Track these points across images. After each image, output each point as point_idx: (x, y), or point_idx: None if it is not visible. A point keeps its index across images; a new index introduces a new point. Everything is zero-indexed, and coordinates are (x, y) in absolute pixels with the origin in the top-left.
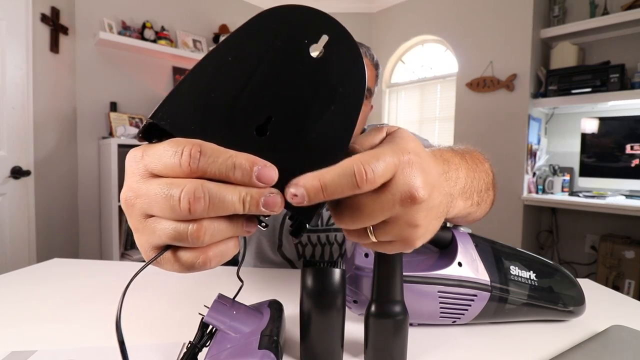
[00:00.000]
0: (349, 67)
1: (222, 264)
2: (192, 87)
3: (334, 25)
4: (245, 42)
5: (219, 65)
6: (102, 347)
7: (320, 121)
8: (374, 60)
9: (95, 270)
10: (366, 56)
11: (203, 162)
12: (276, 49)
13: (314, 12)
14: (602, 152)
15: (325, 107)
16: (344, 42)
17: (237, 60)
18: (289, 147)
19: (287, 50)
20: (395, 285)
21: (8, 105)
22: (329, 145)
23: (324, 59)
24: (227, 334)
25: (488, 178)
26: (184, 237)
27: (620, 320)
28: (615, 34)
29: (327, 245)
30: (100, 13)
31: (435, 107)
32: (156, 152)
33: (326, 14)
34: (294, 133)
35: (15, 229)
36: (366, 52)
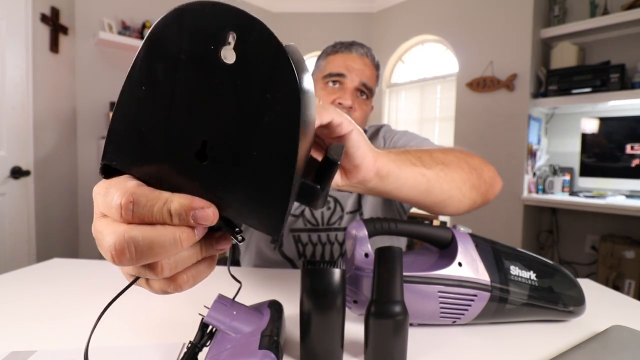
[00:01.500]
0: (271, 67)
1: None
2: (122, 123)
3: (238, 17)
4: (150, 65)
5: (137, 97)
6: (102, 347)
7: (255, 137)
8: (375, 61)
9: (95, 270)
10: (367, 56)
11: (137, 211)
12: (185, 65)
13: (212, 8)
14: (602, 152)
15: (256, 120)
16: (257, 36)
17: (150, 88)
18: (232, 171)
19: (196, 63)
20: (395, 285)
21: (8, 105)
22: (273, 163)
23: (238, 64)
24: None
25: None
26: (142, 274)
27: (620, 320)
28: (616, 34)
29: (327, 244)
30: (100, 13)
31: (435, 107)
32: (104, 194)
33: (227, 5)
34: (233, 155)
35: (15, 229)
36: (367, 53)
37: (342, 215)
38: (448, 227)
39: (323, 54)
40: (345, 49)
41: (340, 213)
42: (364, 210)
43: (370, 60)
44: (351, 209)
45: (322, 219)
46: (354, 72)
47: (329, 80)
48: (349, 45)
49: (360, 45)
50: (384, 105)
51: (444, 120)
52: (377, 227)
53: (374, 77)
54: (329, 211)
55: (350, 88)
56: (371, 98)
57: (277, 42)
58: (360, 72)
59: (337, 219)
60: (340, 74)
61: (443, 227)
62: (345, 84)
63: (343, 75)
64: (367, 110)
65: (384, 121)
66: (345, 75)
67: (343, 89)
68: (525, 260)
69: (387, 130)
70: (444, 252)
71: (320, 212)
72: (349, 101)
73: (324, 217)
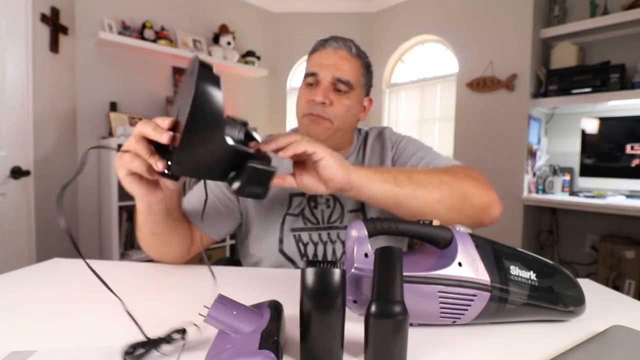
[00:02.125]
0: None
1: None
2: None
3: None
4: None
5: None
6: (102, 347)
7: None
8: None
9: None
10: (342, 49)
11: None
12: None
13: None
14: (602, 152)
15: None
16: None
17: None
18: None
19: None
20: (395, 285)
21: (8, 105)
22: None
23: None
24: (227, 334)
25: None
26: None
27: (620, 320)
28: (616, 34)
29: (328, 243)
30: (100, 13)
31: (435, 107)
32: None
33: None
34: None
35: (15, 229)
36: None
37: (343, 213)
38: (448, 227)
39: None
40: (320, 46)
41: (341, 211)
42: (367, 209)
43: (347, 52)
44: (353, 207)
45: (322, 217)
46: (325, 69)
47: (306, 81)
48: (324, 41)
49: (336, 39)
50: (384, 105)
51: (444, 120)
52: (377, 227)
53: (355, 68)
54: (329, 209)
55: (324, 85)
56: (354, 91)
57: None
58: (333, 67)
59: (338, 217)
60: (313, 73)
61: (443, 227)
62: (319, 81)
63: (316, 74)
64: (349, 104)
65: (384, 121)
66: (318, 74)
67: (318, 87)
68: (525, 260)
69: (390, 133)
70: (444, 252)
71: (321, 210)
72: (319, 97)
73: (324, 216)
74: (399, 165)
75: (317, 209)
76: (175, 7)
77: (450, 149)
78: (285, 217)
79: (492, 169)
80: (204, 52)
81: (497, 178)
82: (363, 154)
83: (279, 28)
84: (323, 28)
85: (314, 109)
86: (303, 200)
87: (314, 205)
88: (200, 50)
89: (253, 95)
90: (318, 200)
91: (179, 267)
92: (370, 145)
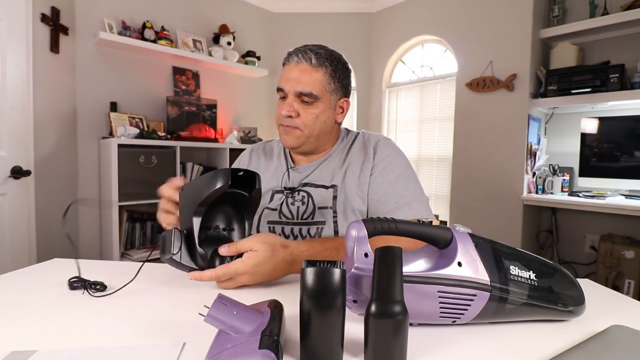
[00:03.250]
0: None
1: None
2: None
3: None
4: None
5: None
6: (102, 347)
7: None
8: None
9: (95, 270)
10: (303, 61)
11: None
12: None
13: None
14: (601, 152)
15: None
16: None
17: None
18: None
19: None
20: (395, 285)
21: (8, 105)
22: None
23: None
24: (228, 334)
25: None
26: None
27: (620, 320)
28: (615, 34)
29: (299, 237)
30: (100, 13)
31: (435, 107)
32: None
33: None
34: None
35: (15, 229)
36: (303, 57)
37: (314, 210)
38: (448, 227)
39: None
40: (286, 60)
41: (312, 208)
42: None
43: (307, 64)
44: (322, 205)
45: (296, 213)
46: (289, 84)
47: (279, 95)
48: (290, 55)
49: (297, 52)
50: (383, 105)
51: (443, 120)
52: (377, 227)
53: (317, 79)
54: (304, 206)
55: (290, 98)
56: (320, 100)
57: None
58: (295, 82)
59: (310, 213)
60: (281, 89)
61: (443, 227)
62: (287, 95)
63: (282, 90)
64: (317, 112)
65: (384, 121)
66: (284, 88)
67: (286, 99)
68: (524, 260)
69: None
70: (444, 251)
71: (297, 207)
72: (284, 111)
73: (299, 212)
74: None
75: (293, 205)
76: (176, 7)
77: (450, 149)
78: (263, 210)
79: (491, 169)
80: (204, 52)
81: (497, 178)
82: (346, 155)
83: (279, 28)
84: (323, 28)
85: (284, 120)
86: (282, 197)
87: (291, 202)
88: (201, 51)
89: (253, 95)
90: (295, 197)
91: None
92: (356, 150)
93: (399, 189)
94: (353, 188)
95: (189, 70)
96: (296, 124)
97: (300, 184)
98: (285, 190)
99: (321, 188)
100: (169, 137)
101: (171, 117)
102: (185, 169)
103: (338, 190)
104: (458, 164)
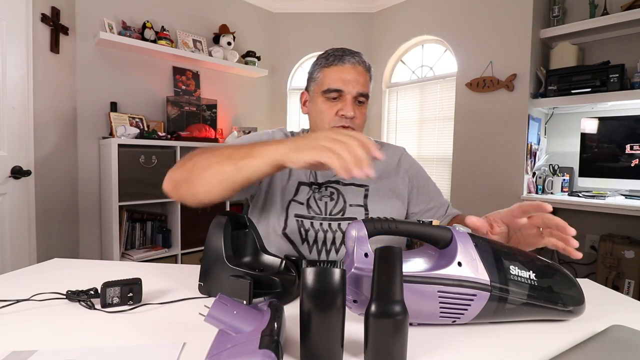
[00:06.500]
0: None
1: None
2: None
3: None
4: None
5: None
6: (102, 347)
7: None
8: (366, 65)
9: (95, 270)
10: (359, 65)
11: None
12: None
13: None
14: (601, 152)
15: None
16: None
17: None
18: None
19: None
20: (395, 285)
21: (8, 105)
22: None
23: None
24: (228, 333)
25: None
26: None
27: (620, 320)
28: (615, 34)
29: (329, 231)
30: (100, 13)
31: (435, 107)
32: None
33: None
34: None
35: (15, 229)
36: (358, 61)
37: (345, 207)
38: (448, 227)
39: (317, 66)
40: (338, 61)
41: (343, 205)
42: (369, 206)
43: (362, 68)
44: (354, 202)
45: (325, 209)
46: (350, 85)
47: (328, 96)
48: (340, 56)
49: (351, 53)
50: (383, 105)
51: (443, 120)
52: (377, 226)
53: (368, 82)
54: (333, 202)
55: (349, 100)
56: (368, 100)
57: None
58: (355, 83)
59: (340, 209)
60: (338, 90)
61: (442, 227)
62: (344, 96)
63: (341, 91)
64: (365, 113)
65: (383, 121)
66: (343, 90)
67: (343, 101)
68: (524, 260)
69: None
70: (444, 251)
71: (325, 202)
72: (350, 112)
73: (327, 208)
74: (418, 189)
75: (321, 200)
76: (176, 7)
77: (450, 149)
78: (290, 203)
79: (491, 169)
80: (204, 52)
81: (497, 178)
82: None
83: (279, 28)
84: (323, 28)
85: (344, 121)
86: (309, 191)
87: (319, 197)
88: (201, 51)
89: (253, 95)
90: (322, 192)
91: (179, 267)
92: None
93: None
94: (386, 190)
95: (189, 70)
96: (354, 126)
97: (328, 180)
98: (313, 185)
99: (351, 186)
100: (169, 137)
101: (171, 117)
102: None
103: (370, 190)
104: (458, 164)
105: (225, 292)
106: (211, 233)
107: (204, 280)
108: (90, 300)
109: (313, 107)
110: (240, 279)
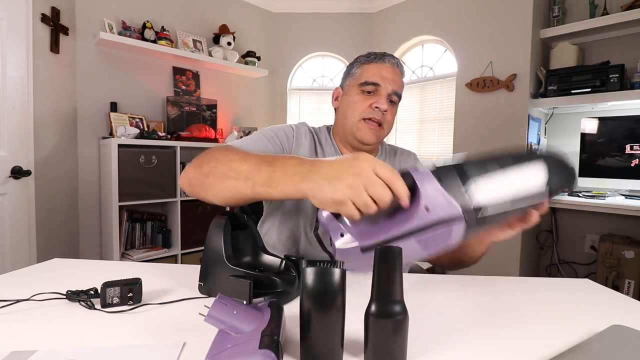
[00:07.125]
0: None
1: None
2: None
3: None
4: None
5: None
6: (102, 347)
7: None
8: (402, 70)
9: (95, 270)
10: (397, 67)
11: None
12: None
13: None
14: (601, 152)
15: None
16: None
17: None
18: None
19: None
20: (395, 284)
21: (8, 105)
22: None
23: None
24: (228, 333)
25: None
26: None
27: (620, 320)
28: (615, 34)
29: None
30: (100, 13)
31: (435, 107)
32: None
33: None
34: None
35: (15, 229)
36: (397, 64)
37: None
38: (407, 172)
39: (356, 63)
40: (378, 59)
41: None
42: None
43: (400, 71)
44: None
45: None
46: (387, 81)
47: (365, 89)
48: (382, 56)
49: (392, 56)
50: None
51: (443, 120)
52: None
53: (402, 84)
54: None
55: (384, 95)
56: (398, 102)
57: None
58: (392, 81)
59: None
60: (376, 83)
61: (403, 173)
62: (379, 91)
63: (378, 85)
64: (396, 113)
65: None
66: (380, 84)
67: (378, 95)
68: (497, 163)
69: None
70: (412, 199)
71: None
72: (384, 105)
73: None
74: None
75: None
76: (176, 7)
77: (450, 149)
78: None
79: None
80: (204, 52)
81: None
82: (393, 159)
83: (280, 28)
84: (323, 28)
85: (375, 113)
86: None
87: None
88: (201, 51)
89: (253, 95)
90: None
91: (179, 267)
92: (401, 157)
93: None
94: None
95: (189, 71)
96: (384, 120)
97: None
98: None
99: None
100: (169, 137)
101: (171, 117)
102: None
103: None
104: None
105: (225, 292)
106: (211, 233)
107: (204, 280)
108: (90, 300)
109: (346, 99)
110: (240, 279)
